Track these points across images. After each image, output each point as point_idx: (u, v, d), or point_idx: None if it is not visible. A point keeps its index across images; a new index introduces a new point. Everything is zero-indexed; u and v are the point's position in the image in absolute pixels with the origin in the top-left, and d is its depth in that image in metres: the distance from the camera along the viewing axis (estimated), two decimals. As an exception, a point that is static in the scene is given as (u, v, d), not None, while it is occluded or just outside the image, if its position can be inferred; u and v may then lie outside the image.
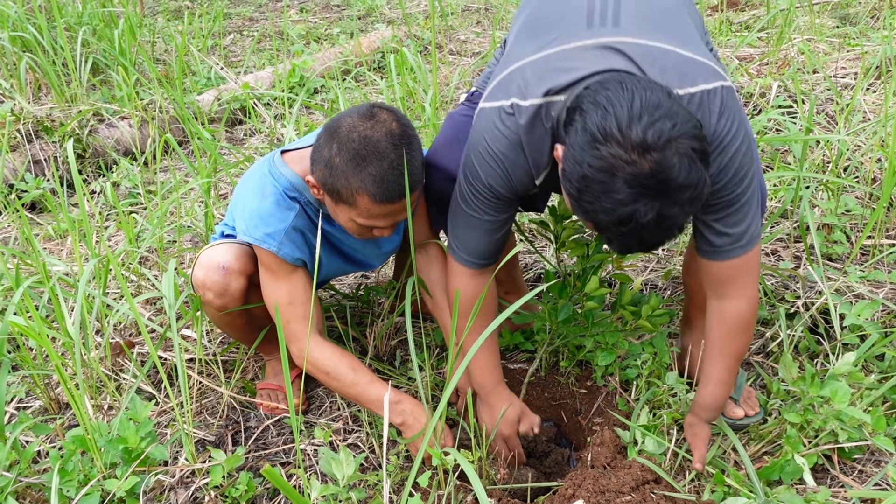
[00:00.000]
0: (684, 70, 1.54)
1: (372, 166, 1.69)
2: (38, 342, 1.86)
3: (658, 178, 1.31)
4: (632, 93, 1.35)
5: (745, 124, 1.59)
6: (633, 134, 1.31)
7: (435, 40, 3.01)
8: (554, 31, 1.65)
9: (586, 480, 1.68)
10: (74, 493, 1.75)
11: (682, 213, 1.37)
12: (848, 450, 1.89)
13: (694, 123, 1.37)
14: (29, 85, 4.41)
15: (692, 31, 1.70)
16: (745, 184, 1.59)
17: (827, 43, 4.27)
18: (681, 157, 1.32)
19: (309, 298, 1.99)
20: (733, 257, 1.67)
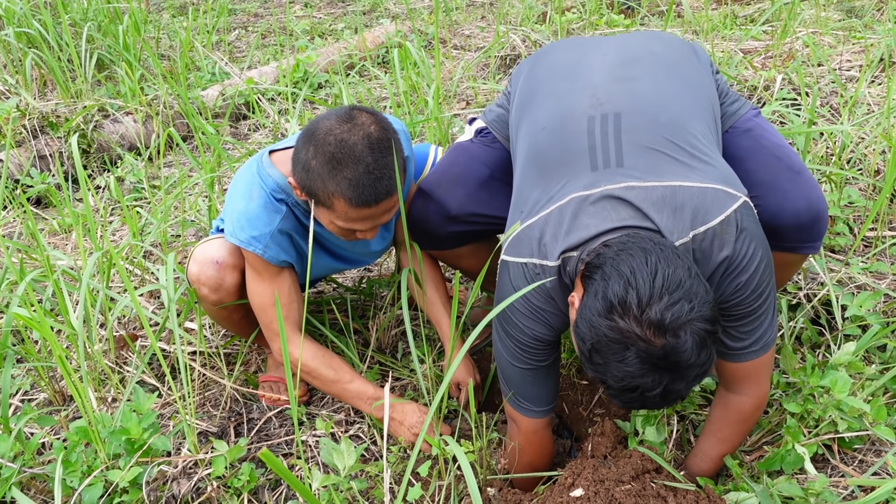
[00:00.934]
0: (695, 206, 1.53)
1: (347, 170, 1.68)
2: (42, 334, 1.87)
3: (670, 358, 1.34)
4: (655, 267, 1.38)
5: (762, 241, 1.60)
6: (651, 313, 1.34)
7: (439, 35, 3.02)
8: (561, 175, 1.65)
9: (586, 470, 1.68)
10: (78, 483, 1.76)
11: (688, 387, 1.41)
12: (848, 439, 1.89)
13: (711, 304, 1.39)
14: (34, 81, 4.43)
15: (699, 136, 1.67)
16: (762, 299, 1.61)
17: (832, 36, 4.25)
18: (694, 338, 1.34)
19: (292, 299, 2.01)
20: (745, 361, 1.69)
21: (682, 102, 1.73)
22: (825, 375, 1.84)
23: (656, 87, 1.75)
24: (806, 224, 1.80)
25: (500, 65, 4.61)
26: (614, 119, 1.65)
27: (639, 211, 1.53)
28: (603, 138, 1.64)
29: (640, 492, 1.61)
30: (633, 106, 1.68)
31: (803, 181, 1.81)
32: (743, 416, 1.79)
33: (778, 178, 1.81)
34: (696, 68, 1.87)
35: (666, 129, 1.64)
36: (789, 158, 1.84)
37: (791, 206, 1.78)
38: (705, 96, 1.80)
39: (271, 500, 1.95)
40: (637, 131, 1.64)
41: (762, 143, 1.86)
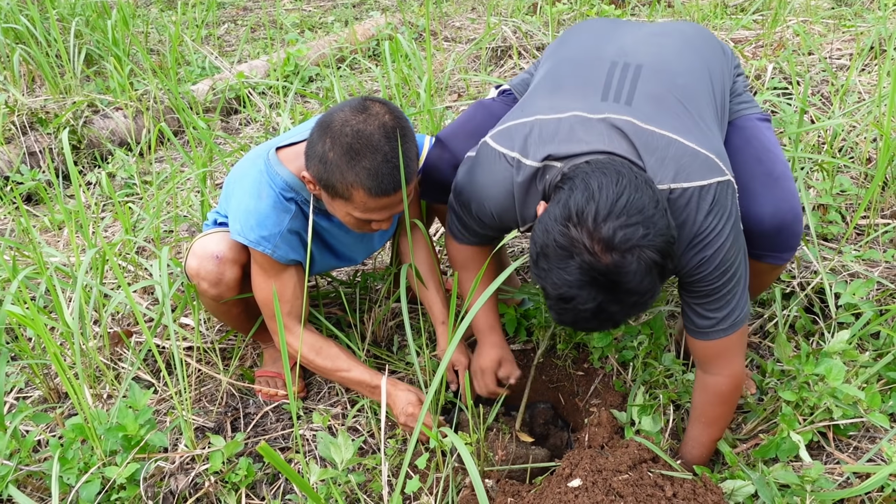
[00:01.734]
0: (683, 163, 1.58)
1: (366, 160, 1.68)
2: (36, 331, 1.87)
3: (610, 276, 1.38)
4: (622, 189, 1.41)
5: (734, 221, 1.63)
6: (604, 229, 1.38)
7: (430, 27, 3.01)
8: (571, 95, 1.72)
9: (583, 460, 1.69)
10: (75, 480, 1.75)
11: (621, 313, 1.45)
12: (843, 427, 1.90)
13: (667, 238, 1.42)
14: (23, 77, 4.40)
15: (706, 111, 1.73)
16: (727, 276, 1.65)
17: (822, 24, 4.26)
18: (640, 264, 1.38)
19: (297, 295, 2.02)
20: (714, 339, 1.73)
21: (699, 77, 1.78)
22: (819, 363, 1.85)
23: (680, 56, 1.82)
24: (768, 231, 1.77)
25: (491, 56, 4.60)
26: (635, 69, 1.73)
27: (631, 145, 1.59)
28: (620, 80, 1.71)
29: (637, 481, 1.62)
30: (655, 64, 1.75)
31: (777, 188, 1.77)
32: (722, 398, 1.82)
33: (752, 181, 1.79)
34: (720, 60, 1.90)
35: (679, 91, 1.70)
36: (772, 164, 1.81)
37: (756, 210, 1.76)
38: (720, 85, 1.84)
39: (269, 494, 1.95)
40: (652, 83, 1.71)
41: (751, 143, 1.86)
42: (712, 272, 1.63)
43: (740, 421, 2.05)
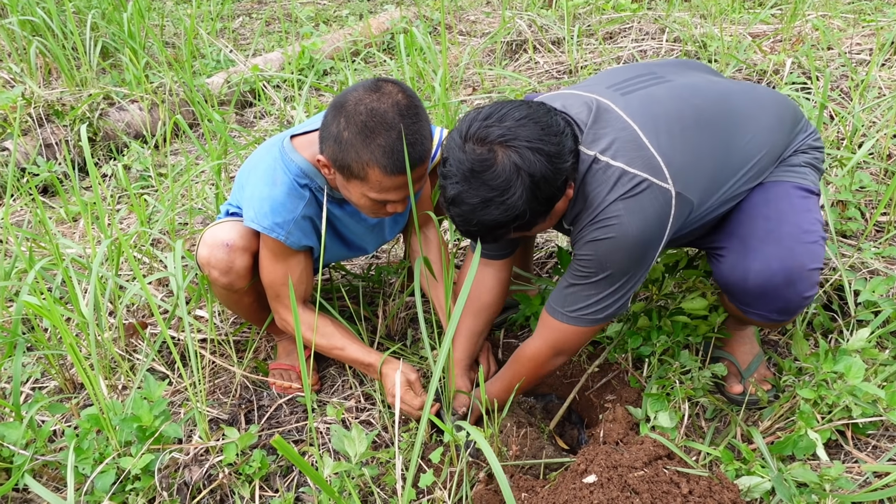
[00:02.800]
0: (623, 146, 1.63)
1: (381, 137, 1.68)
2: (53, 322, 1.87)
3: (466, 164, 1.52)
4: (516, 110, 1.55)
5: (647, 229, 1.62)
6: (469, 126, 1.54)
7: (444, 20, 2.99)
8: (593, 79, 1.88)
9: (599, 456, 1.68)
10: (90, 470, 1.76)
11: (476, 209, 1.54)
12: (862, 425, 1.88)
13: (538, 150, 1.51)
14: (39, 69, 4.42)
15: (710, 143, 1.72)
16: (601, 274, 1.68)
17: (842, 19, 4.21)
18: (497, 158, 1.50)
19: (302, 280, 2.04)
20: (546, 311, 1.84)
21: (726, 116, 1.77)
22: (839, 361, 1.82)
23: (721, 93, 1.82)
24: (751, 287, 1.75)
25: (506, 50, 4.58)
26: (659, 79, 1.80)
27: (589, 114, 1.68)
28: (638, 82, 1.78)
29: (653, 478, 1.61)
30: (684, 84, 1.80)
31: (774, 247, 1.72)
32: (517, 356, 1.95)
33: (751, 236, 1.77)
34: (779, 126, 1.85)
35: (688, 110, 1.72)
36: (779, 223, 1.75)
37: (743, 263, 1.75)
38: (762, 142, 1.80)
39: (283, 486, 1.95)
40: (662, 91, 1.75)
41: (768, 203, 1.79)
42: (588, 258, 1.67)
43: (756, 418, 2.04)
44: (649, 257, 1.69)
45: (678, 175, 1.63)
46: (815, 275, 1.73)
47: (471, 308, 2.13)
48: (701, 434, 2.03)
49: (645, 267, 1.71)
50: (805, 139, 1.90)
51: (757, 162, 1.79)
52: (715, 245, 1.86)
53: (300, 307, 2.07)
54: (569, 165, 1.56)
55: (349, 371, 2.29)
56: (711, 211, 1.78)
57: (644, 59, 4.03)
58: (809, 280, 1.72)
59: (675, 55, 4.03)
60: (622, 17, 4.56)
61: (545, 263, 2.76)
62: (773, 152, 1.82)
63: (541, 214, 1.60)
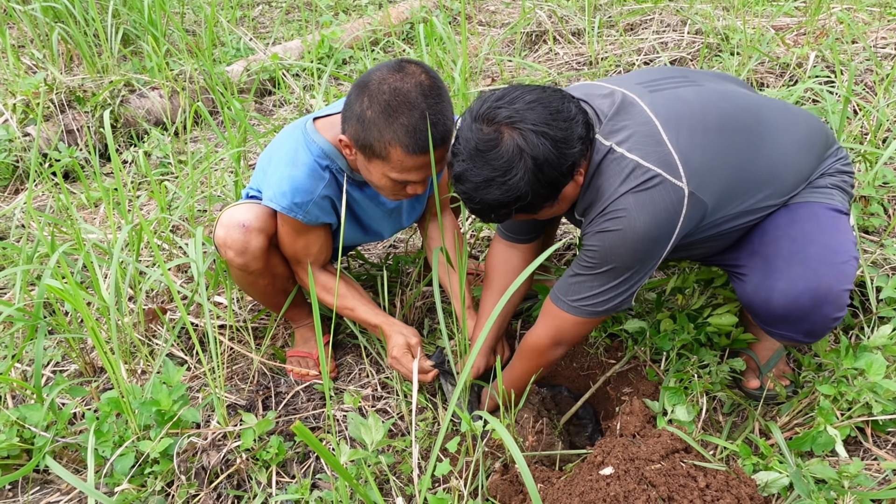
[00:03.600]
0: (641, 140, 1.62)
1: (403, 117, 1.69)
2: (75, 306, 1.89)
3: (471, 143, 1.55)
4: (528, 93, 1.56)
5: (657, 225, 1.61)
6: (481, 107, 1.57)
7: (464, 10, 2.98)
8: (625, 75, 1.87)
9: (616, 448, 1.67)
10: (110, 453, 1.78)
11: (479, 187, 1.56)
12: (882, 422, 1.86)
13: (543, 134, 1.52)
14: (61, 55, 4.45)
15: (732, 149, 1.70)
16: (600, 266, 1.68)
17: (866, 12, 4.15)
18: (503, 140, 1.52)
19: (322, 251, 2.09)
20: (550, 298, 1.84)
21: (752, 128, 1.75)
22: (859, 357, 1.81)
23: (751, 105, 1.79)
24: (775, 308, 1.72)
25: (525, 41, 4.56)
26: (690, 82, 1.79)
27: (613, 104, 1.69)
28: (669, 81, 1.77)
29: (669, 471, 1.60)
30: (714, 90, 1.78)
31: (800, 268, 1.69)
32: (521, 345, 1.96)
33: (777, 256, 1.73)
34: (809, 147, 1.83)
35: (712, 112, 1.70)
36: (805, 244, 1.71)
37: (768, 283, 1.72)
38: (790, 161, 1.78)
39: (300, 473, 1.96)
40: (690, 92, 1.74)
41: (794, 224, 1.76)
42: (594, 249, 1.67)
43: (774, 413, 2.02)
44: (656, 254, 1.68)
45: (694, 175, 1.61)
46: (843, 296, 1.68)
47: (497, 289, 2.13)
48: (718, 428, 2.02)
49: (651, 264, 1.70)
50: (834, 163, 1.87)
51: (782, 178, 1.76)
52: (738, 264, 1.85)
53: (320, 270, 2.13)
54: (576, 151, 1.56)
55: (366, 359, 2.30)
56: (729, 220, 1.75)
57: (665, 52, 4.00)
58: (838, 302, 1.68)
59: (696, 48, 4.00)
60: (644, 8, 4.52)
61: (563, 255, 2.76)
62: (800, 172, 1.79)
63: (545, 198, 1.61)
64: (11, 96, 3.66)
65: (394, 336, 2.07)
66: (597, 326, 2.03)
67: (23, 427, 1.89)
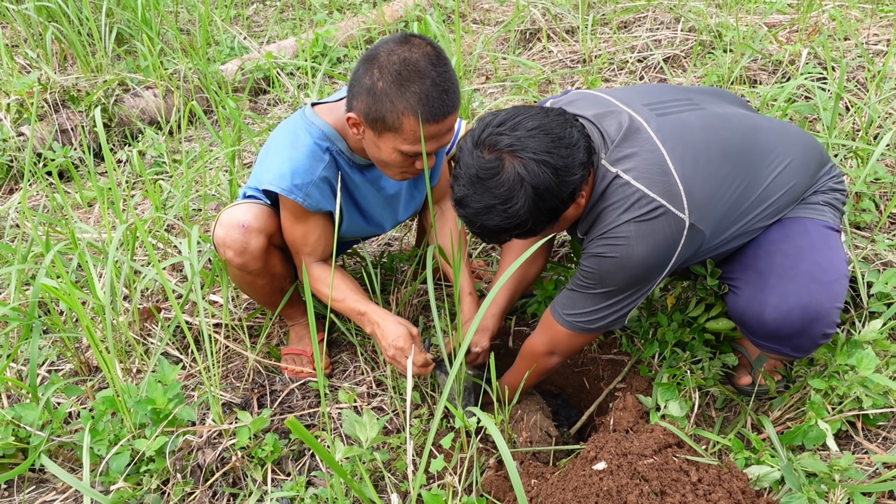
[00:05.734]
0: (647, 168, 1.63)
1: (415, 85, 1.70)
2: (70, 305, 1.89)
3: (473, 170, 1.56)
4: (530, 119, 1.57)
5: (654, 255, 1.63)
6: (483, 132, 1.58)
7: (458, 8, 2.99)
8: (630, 91, 1.87)
9: (609, 443, 1.69)
10: (105, 451, 1.79)
11: (480, 213, 1.58)
12: (872, 416, 1.88)
13: (543, 163, 1.52)
14: (55, 55, 4.44)
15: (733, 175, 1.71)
16: (601, 288, 1.72)
17: (859, 9, 4.17)
18: (503, 167, 1.53)
19: (321, 241, 2.08)
20: (549, 308, 1.89)
21: (752, 151, 1.77)
22: (850, 352, 1.82)
23: (750, 127, 1.81)
24: (767, 322, 1.75)
25: (520, 39, 4.57)
26: (694, 105, 1.81)
27: (619, 130, 1.68)
28: (673, 105, 1.78)
29: (662, 465, 1.62)
30: (716, 114, 1.80)
31: (791, 284, 1.72)
32: (522, 348, 2.01)
33: (769, 272, 1.76)
34: (802, 166, 1.84)
35: (716, 140, 1.72)
36: (798, 260, 1.74)
37: (760, 297, 1.75)
38: (785, 179, 1.79)
39: (295, 470, 1.97)
40: (694, 117, 1.75)
41: (787, 239, 1.79)
42: (589, 269, 1.70)
43: (766, 408, 2.04)
44: (651, 280, 1.71)
45: (695, 206, 1.63)
46: (833, 314, 1.71)
47: (510, 279, 2.16)
48: (711, 423, 2.04)
49: (646, 288, 1.74)
50: (827, 181, 1.90)
51: (776, 200, 1.79)
52: (731, 277, 1.87)
53: (320, 264, 2.11)
54: (577, 178, 1.57)
55: (361, 357, 2.31)
56: (724, 244, 1.79)
57: (658, 49, 4.01)
58: (827, 319, 1.71)
59: (689, 45, 4.01)
60: (637, 6, 4.53)
61: (556, 252, 2.77)
62: (793, 192, 1.82)
63: (545, 224, 1.63)
64: (5, 96, 3.66)
65: (392, 326, 2.00)
66: (593, 340, 2.05)
67: (18, 426, 1.89)
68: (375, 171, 2.09)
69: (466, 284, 2.19)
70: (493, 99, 3.82)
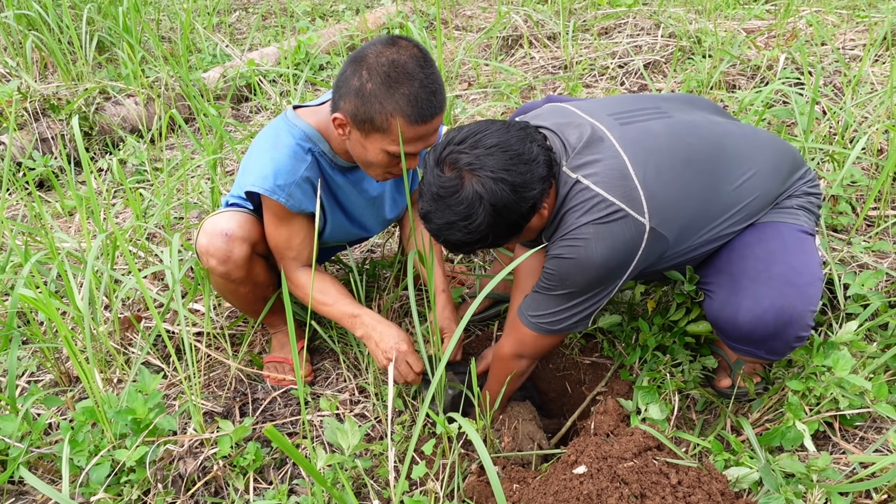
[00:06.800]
0: (607, 174, 1.65)
1: (404, 87, 1.71)
2: (48, 315, 1.88)
3: (433, 187, 1.61)
4: (490, 136, 1.60)
5: (614, 257, 1.65)
6: (442, 150, 1.62)
7: (440, 15, 3.00)
8: (598, 102, 1.88)
9: (589, 447, 1.69)
10: (85, 462, 1.78)
11: (442, 229, 1.63)
12: (849, 417, 1.90)
13: (501, 181, 1.55)
14: (35, 63, 4.42)
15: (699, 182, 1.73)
16: (562, 289, 1.74)
17: (835, 14, 4.22)
18: (462, 185, 1.57)
19: (305, 244, 2.07)
20: (516, 312, 1.92)
21: (719, 157, 1.78)
22: (827, 354, 1.84)
23: (719, 134, 1.82)
24: (741, 325, 1.76)
25: (502, 45, 4.59)
26: (661, 113, 1.82)
27: (580, 139, 1.70)
28: (639, 114, 1.79)
29: (642, 468, 1.62)
30: (684, 121, 1.81)
31: (764, 287, 1.74)
32: (497, 358, 2.03)
33: (742, 275, 1.78)
34: (774, 172, 1.86)
35: (682, 147, 1.73)
36: (770, 264, 1.76)
37: (734, 300, 1.77)
38: (756, 185, 1.81)
39: (277, 479, 1.97)
40: (661, 125, 1.77)
41: (761, 243, 1.81)
42: (554, 274, 1.72)
43: (746, 410, 2.06)
44: (611, 283, 1.73)
45: (657, 211, 1.65)
46: (807, 316, 1.73)
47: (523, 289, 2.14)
48: (691, 426, 2.05)
49: (607, 291, 1.75)
50: (801, 185, 1.92)
51: (746, 205, 1.80)
52: (706, 281, 1.90)
53: (305, 270, 2.10)
54: (536, 193, 1.60)
55: (343, 364, 2.31)
56: (693, 249, 1.80)
57: (639, 55, 4.04)
58: (801, 322, 1.73)
59: (669, 51, 4.04)
60: (617, 12, 4.57)
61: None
62: (765, 197, 1.83)
63: (506, 237, 1.66)
64: (-16, 105, 3.64)
65: (390, 330, 2.00)
66: (560, 343, 2.07)
67: (-3, 438, 1.88)
68: (358, 174, 2.09)
69: (440, 282, 2.21)
70: (476, 105, 3.84)
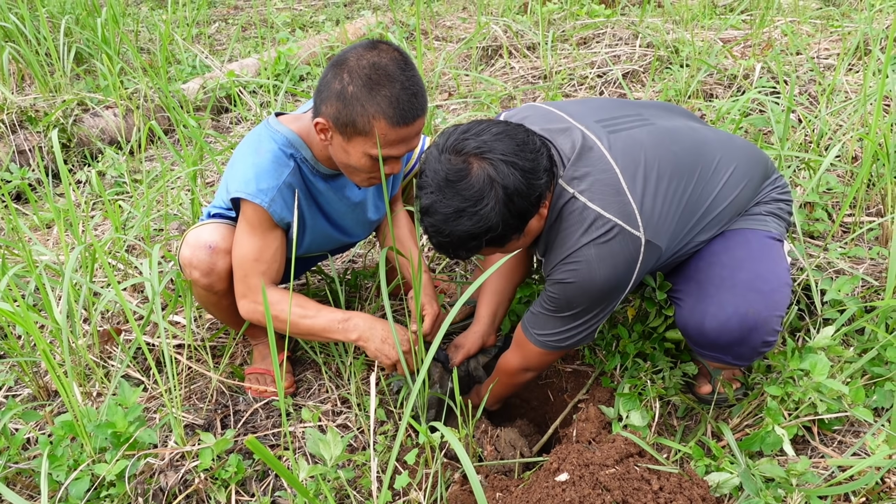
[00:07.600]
0: (602, 189, 1.66)
1: (385, 89, 1.71)
2: (26, 329, 1.86)
3: (440, 174, 1.56)
4: (493, 125, 1.59)
5: (615, 274, 1.67)
6: (448, 139, 1.59)
7: (420, 26, 3.01)
8: (581, 106, 1.88)
9: (571, 454, 1.70)
10: (64, 477, 1.75)
11: (449, 219, 1.56)
12: (827, 421, 1.92)
13: (512, 164, 1.53)
14: (12, 75, 4.38)
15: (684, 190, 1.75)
16: (568, 310, 1.76)
17: (810, 24, 4.29)
18: (476, 169, 1.53)
19: (276, 259, 2.00)
20: (520, 326, 1.94)
21: (699, 166, 1.80)
22: (805, 359, 1.86)
23: (698, 141, 1.85)
24: (707, 331, 1.79)
25: (481, 55, 4.61)
26: (644, 121, 1.83)
27: (573, 148, 1.70)
28: (624, 121, 1.81)
29: (624, 475, 1.63)
30: (665, 129, 1.83)
31: (728, 293, 1.76)
32: (502, 369, 2.06)
33: (708, 282, 1.81)
34: (747, 179, 1.88)
35: (667, 156, 1.74)
36: (736, 270, 1.79)
37: (700, 307, 1.80)
38: (730, 193, 1.84)
39: (259, 491, 1.95)
40: (645, 134, 1.77)
41: (728, 250, 1.84)
42: (559, 298, 1.73)
43: (726, 415, 2.07)
44: (616, 298, 1.75)
45: (649, 223, 1.66)
46: (773, 321, 1.75)
47: (490, 288, 2.21)
48: (672, 432, 2.07)
49: (612, 304, 1.78)
50: (770, 191, 1.95)
51: (720, 213, 1.83)
52: (675, 289, 1.93)
53: (272, 289, 2.00)
54: (543, 182, 1.58)
55: (325, 375, 2.30)
56: (670, 257, 1.83)
57: (617, 65, 4.08)
58: (767, 327, 1.75)
59: (647, 60, 4.08)
60: (596, 22, 4.61)
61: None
62: (737, 204, 1.86)
63: (514, 229, 1.61)
64: (-40, 117, 3.60)
65: (388, 326, 1.98)
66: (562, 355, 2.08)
67: (-26, 454, 1.85)
68: (340, 181, 2.09)
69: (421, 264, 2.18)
70: (456, 115, 3.85)
